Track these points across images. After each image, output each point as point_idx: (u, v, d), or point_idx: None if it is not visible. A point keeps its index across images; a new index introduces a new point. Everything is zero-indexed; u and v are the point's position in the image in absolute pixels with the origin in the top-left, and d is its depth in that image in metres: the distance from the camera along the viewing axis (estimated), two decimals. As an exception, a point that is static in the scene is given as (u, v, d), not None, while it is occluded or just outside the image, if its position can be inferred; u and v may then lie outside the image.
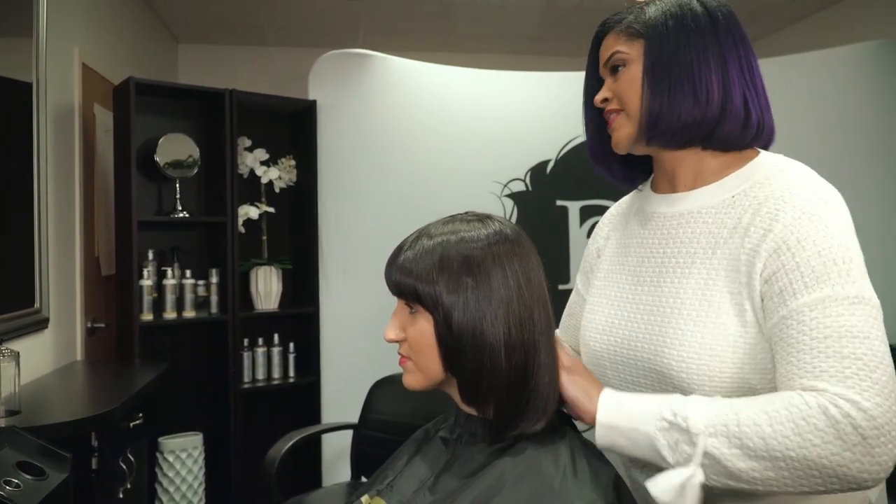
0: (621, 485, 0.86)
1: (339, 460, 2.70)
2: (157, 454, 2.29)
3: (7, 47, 1.93)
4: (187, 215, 2.66)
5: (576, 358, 0.92)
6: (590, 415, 0.85)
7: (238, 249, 2.67)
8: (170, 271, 2.61)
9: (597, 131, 1.01)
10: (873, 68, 2.93)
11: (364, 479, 2.13)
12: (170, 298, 2.58)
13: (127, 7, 3.17)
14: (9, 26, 1.92)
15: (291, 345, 2.87)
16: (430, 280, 0.82)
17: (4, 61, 1.88)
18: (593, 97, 0.97)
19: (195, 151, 2.67)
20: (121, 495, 1.80)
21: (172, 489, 2.28)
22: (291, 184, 2.91)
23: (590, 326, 1.02)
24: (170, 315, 2.58)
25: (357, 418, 2.36)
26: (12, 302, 1.86)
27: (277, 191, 2.88)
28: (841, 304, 0.76)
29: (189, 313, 2.62)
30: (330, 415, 2.77)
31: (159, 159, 2.59)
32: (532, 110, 3.01)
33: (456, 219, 0.88)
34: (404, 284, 0.84)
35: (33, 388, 1.84)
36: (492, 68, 3.07)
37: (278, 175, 2.85)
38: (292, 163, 2.90)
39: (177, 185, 2.65)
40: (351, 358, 2.77)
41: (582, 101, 1.03)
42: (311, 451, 2.78)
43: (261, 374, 2.80)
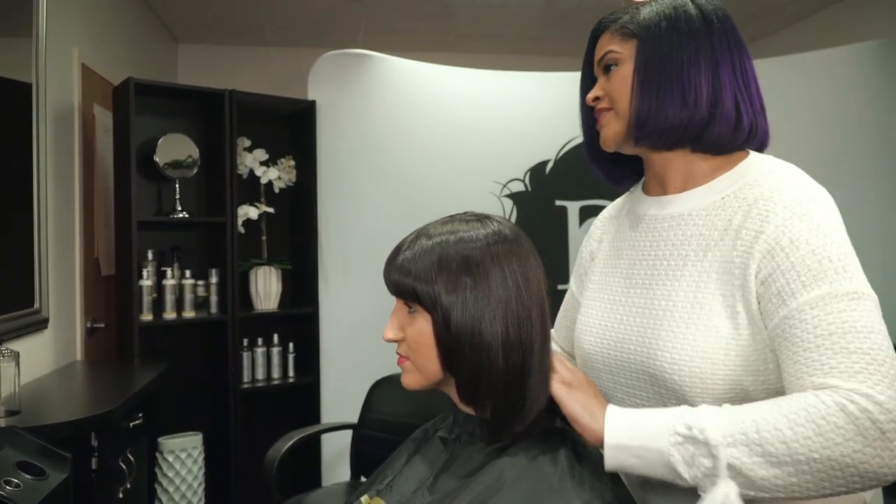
0: (620, 485, 0.86)
1: (338, 460, 2.70)
2: (157, 454, 2.29)
3: (7, 47, 1.93)
4: (187, 215, 2.66)
5: (577, 371, 0.88)
6: (594, 434, 0.81)
7: (238, 249, 2.67)
8: (169, 271, 2.61)
9: (591, 130, 1.02)
10: (873, 68, 2.93)
11: (363, 478, 2.13)
12: (169, 298, 2.58)
13: (127, 7, 3.17)
14: (9, 26, 1.92)
15: (291, 345, 2.87)
16: (429, 280, 0.82)
17: (4, 61, 1.88)
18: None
19: (195, 152, 2.67)
20: (120, 495, 1.80)
21: (172, 489, 2.28)
22: (291, 184, 2.91)
23: (583, 329, 1.02)
24: (169, 315, 2.58)
25: (356, 418, 2.36)
26: (12, 302, 1.86)
27: (277, 191, 2.88)
28: (841, 300, 0.76)
29: (189, 313, 2.62)
30: (329, 415, 2.77)
31: (159, 159, 2.59)
32: (531, 110, 3.00)
33: (455, 219, 0.89)
34: (403, 284, 0.85)
35: (33, 388, 1.85)
36: (491, 68, 3.07)
37: (278, 175, 2.85)
38: (292, 163, 2.91)
39: (176, 186, 2.65)
40: (350, 358, 2.77)
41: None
42: (310, 451, 2.78)
43: (260, 374, 2.80)
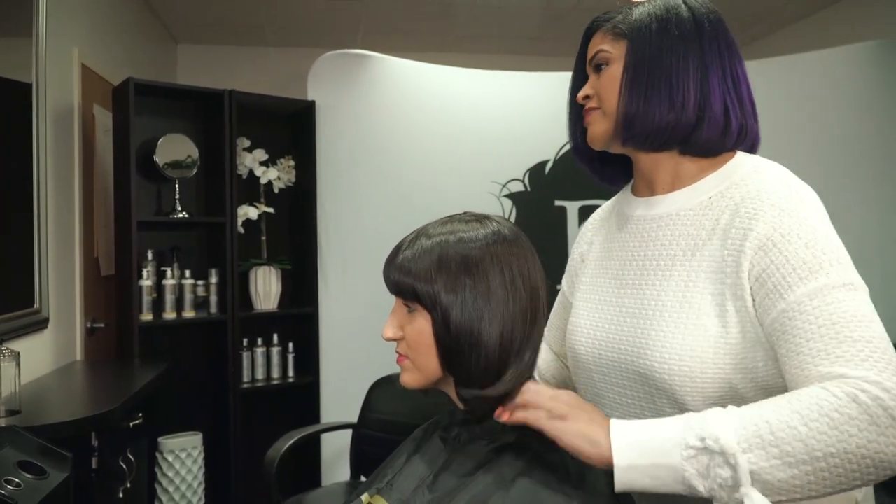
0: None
1: (338, 460, 2.71)
2: (157, 454, 2.30)
3: (7, 48, 1.93)
4: (186, 215, 2.66)
5: (562, 395, 0.81)
6: (602, 460, 0.76)
7: (237, 250, 2.67)
8: (169, 271, 2.61)
9: (579, 127, 1.02)
10: (872, 68, 2.93)
11: (363, 478, 2.13)
12: (169, 298, 2.58)
13: (126, 8, 3.18)
14: (9, 26, 1.92)
15: (291, 345, 2.88)
16: (429, 279, 0.83)
17: (4, 62, 1.88)
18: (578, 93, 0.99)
19: (194, 152, 2.67)
20: (120, 495, 1.80)
21: (172, 489, 2.28)
22: (290, 184, 2.91)
23: (575, 331, 1.03)
24: (169, 315, 2.58)
25: (356, 418, 2.37)
26: (12, 302, 1.86)
27: (276, 191, 2.88)
28: (839, 290, 0.77)
29: (188, 313, 2.62)
30: (329, 414, 2.77)
31: (158, 160, 2.59)
32: (531, 110, 3.00)
33: (454, 219, 0.89)
34: (403, 283, 0.85)
35: (33, 388, 1.85)
36: (491, 68, 3.07)
37: (277, 175, 2.85)
38: (291, 163, 2.91)
39: (176, 186, 2.65)
40: (350, 358, 2.77)
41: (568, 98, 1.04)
42: (310, 451, 2.79)
43: (260, 374, 2.81)
